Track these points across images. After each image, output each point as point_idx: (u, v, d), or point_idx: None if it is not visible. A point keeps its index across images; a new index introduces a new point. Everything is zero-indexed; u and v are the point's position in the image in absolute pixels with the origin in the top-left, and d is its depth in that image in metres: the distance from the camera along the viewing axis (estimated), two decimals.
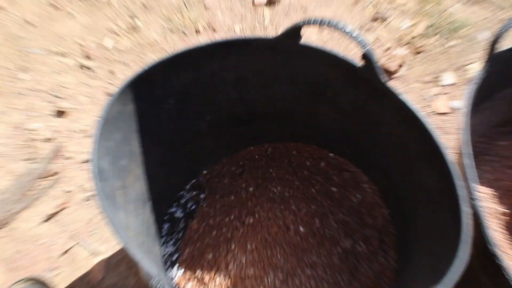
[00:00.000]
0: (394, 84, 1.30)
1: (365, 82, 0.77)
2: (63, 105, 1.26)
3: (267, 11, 1.46)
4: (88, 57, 1.37)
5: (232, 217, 0.96)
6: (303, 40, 0.76)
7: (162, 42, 1.39)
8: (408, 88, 1.29)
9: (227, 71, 0.85)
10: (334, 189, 0.99)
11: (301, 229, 0.92)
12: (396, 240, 0.91)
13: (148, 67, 0.74)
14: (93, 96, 1.30)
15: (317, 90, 0.88)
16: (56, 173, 1.11)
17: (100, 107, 1.28)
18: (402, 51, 1.34)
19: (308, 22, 0.69)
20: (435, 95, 1.25)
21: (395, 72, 1.30)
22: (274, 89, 0.91)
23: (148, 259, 0.77)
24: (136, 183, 0.81)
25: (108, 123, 0.70)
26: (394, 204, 0.92)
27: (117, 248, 1.03)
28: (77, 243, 1.03)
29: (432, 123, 0.89)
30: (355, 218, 0.94)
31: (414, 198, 0.81)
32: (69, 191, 1.11)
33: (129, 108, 0.75)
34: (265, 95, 0.93)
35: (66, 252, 1.01)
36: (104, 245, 1.03)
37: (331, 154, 1.04)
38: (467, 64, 1.31)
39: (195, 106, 0.90)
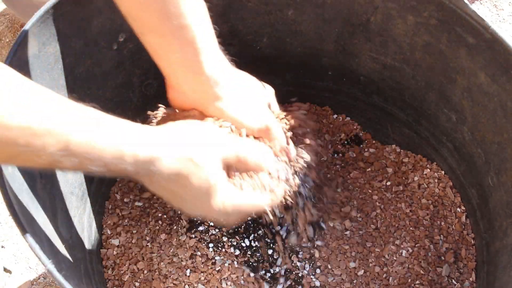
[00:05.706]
0: (481, 9, 1.27)
1: (433, 3, 0.76)
2: None
3: None
4: None
5: None
6: None
7: None
8: (504, 15, 1.26)
9: None
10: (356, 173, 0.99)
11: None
12: (477, 256, 0.91)
13: None
14: None
15: (355, 17, 0.87)
16: None
17: (6, 48, 1.27)
18: None
19: None
20: None
21: None
22: (285, 15, 0.90)
23: None
24: None
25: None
26: (476, 200, 0.91)
27: (40, 269, 1.03)
28: None
29: None
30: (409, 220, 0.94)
31: (510, 192, 0.80)
32: None
33: (53, 50, 0.74)
34: (270, 27, 0.92)
35: None
36: (18, 264, 1.04)
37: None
38: None
39: None
